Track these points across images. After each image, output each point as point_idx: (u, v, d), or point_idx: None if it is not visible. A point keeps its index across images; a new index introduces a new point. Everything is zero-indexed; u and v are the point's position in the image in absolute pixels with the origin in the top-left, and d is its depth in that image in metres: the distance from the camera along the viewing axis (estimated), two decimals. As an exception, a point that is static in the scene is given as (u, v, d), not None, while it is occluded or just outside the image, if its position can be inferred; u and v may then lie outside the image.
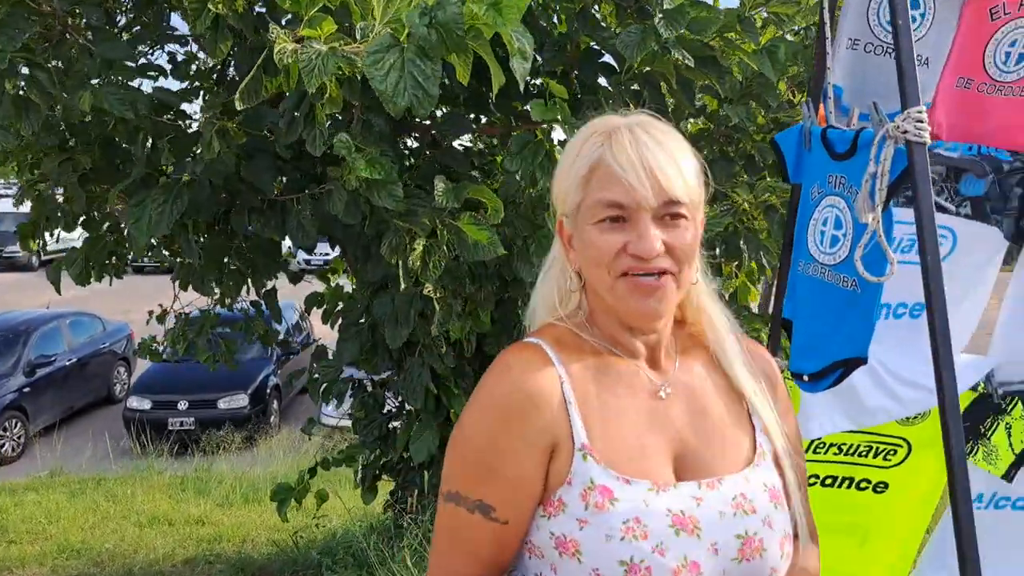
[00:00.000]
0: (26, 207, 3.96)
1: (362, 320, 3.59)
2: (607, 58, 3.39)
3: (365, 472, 3.90)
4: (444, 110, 3.68)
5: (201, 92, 3.45)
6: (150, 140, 3.08)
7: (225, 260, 3.54)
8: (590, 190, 1.04)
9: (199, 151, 2.88)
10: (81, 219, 3.71)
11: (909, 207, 1.48)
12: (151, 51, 3.66)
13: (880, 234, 1.40)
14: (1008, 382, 1.99)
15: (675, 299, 1.05)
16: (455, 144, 3.78)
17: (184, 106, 3.24)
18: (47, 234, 3.82)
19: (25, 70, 2.68)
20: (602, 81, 3.43)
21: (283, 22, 2.74)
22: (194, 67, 3.72)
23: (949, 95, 1.57)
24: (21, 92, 2.73)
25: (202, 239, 3.36)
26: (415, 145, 3.88)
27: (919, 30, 1.65)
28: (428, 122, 3.71)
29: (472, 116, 3.68)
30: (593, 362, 1.08)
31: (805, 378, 1.71)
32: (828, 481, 2.13)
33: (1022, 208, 1.79)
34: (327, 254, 5.03)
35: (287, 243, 3.66)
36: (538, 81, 3.59)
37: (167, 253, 3.46)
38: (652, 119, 1.08)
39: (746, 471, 1.08)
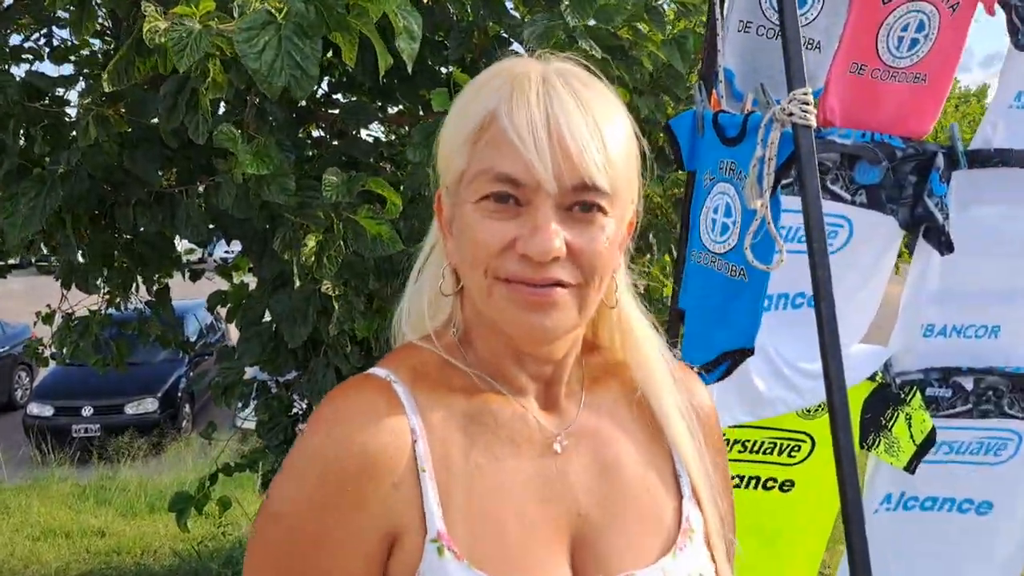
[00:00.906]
0: None
1: (265, 319, 3.43)
2: (516, 47, 3.31)
3: (270, 477, 3.73)
4: (351, 98, 3.55)
5: (84, 79, 3.23)
6: (23, 129, 2.86)
7: (113, 256, 3.33)
8: (476, 155, 0.76)
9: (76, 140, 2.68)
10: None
11: (798, 195, 1.44)
12: (30, 34, 3.42)
13: (769, 220, 1.35)
14: (905, 371, 1.99)
15: (574, 320, 0.78)
16: (363, 135, 3.65)
17: (70, 95, 3.03)
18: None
19: None
20: (511, 71, 3.35)
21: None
22: (86, 52, 3.50)
23: (842, 81, 1.53)
24: None
25: (86, 234, 3.15)
26: (319, 135, 3.73)
27: (808, 13, 1.61)
28: (335, 111, 3.57)
29: (379, 105, 3.55)
30: (463, 405, 0.80)
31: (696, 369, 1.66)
32: (735, 482, 2.10)
33: (916, 197, 1.77)
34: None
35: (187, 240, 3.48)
36: (449, 70, 3.49)
37: (45, 250, 3.23)
38: (578, 69, 0.80)
39: (665, 561, 0.81)
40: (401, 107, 3.57)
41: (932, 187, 1.67)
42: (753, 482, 2.10)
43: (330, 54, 3.09)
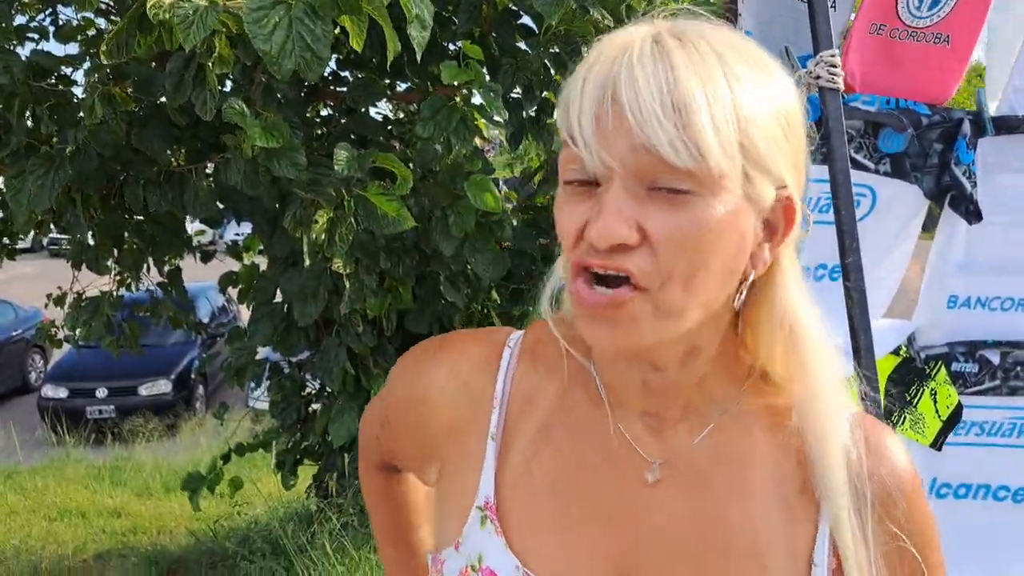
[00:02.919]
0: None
1: (276, 299, 3.42)
2: (526, 19, 3.25)
3: (284, 457, 3.74)
4: (359, 76, 3.51)
5: (89, 58, 3.20)
6: (29, 108, 2.83)
7: (124, 237, 3.32)
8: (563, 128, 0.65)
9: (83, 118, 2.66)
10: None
11: (824, 164, 1.39)
12: (36, 14, 3.39)
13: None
14: (930, 345, 1.95)
15: (655, 330, 0.63)
16: (372, 112, 3.61)
17: (77, 75, 3.02)
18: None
19: None
20: (521, 45, 3.30)
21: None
22: (92, 32, 3.47)
23: (862, 42, 1.48)
24: None
25: (95, 214, 3.13)
26: (328, 113, 3.70)
27: (830, -28, 1.55)
28: (343, 89, 3.54)
29: (388, 83, 3.51)
30: (551, 399, 0.74)
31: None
32: None
33: (943, 165, 1.72)
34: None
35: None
36: (458, 45, 3.45)
37: (55, 230, 3.22)
38: (696, 24, 0.64)
39: None
40: (410, 84, 3.52)
41: (959, 155, 1.62)
42: None
43: (337, 31, 3.05)
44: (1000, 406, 1.94)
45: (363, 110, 3.46)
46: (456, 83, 2.63)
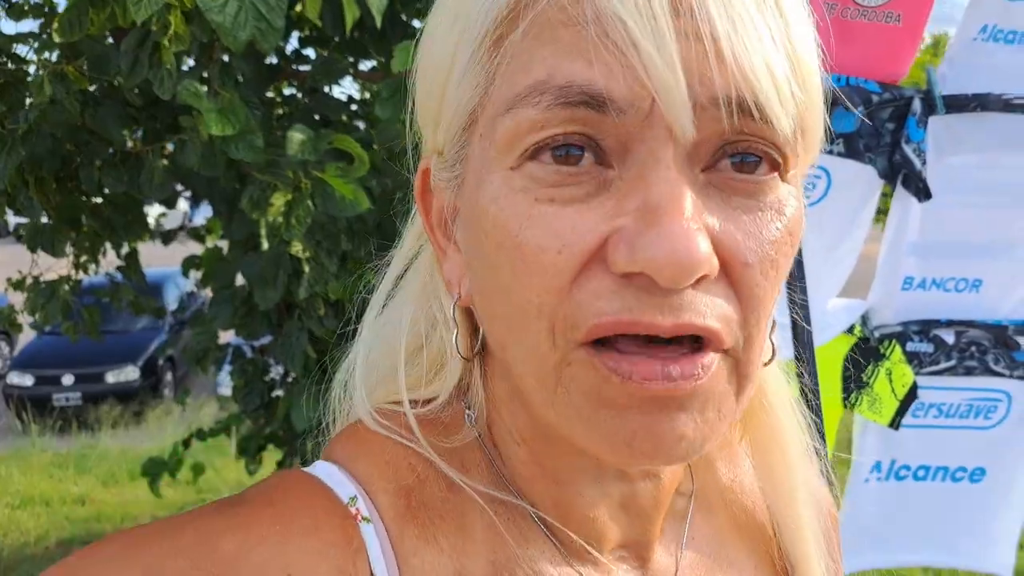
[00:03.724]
0: None
1: (238, 282, 3.38)
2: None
3: (246, 443, 3.70)
4: (322, 54, 3.47)
5: (42, 35, 3.12)
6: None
7: (81, 220, 3.26)
8: (506, 63, 0.40)
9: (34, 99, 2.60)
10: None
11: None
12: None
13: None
14: (884, 324, 1.96)
15: (730, 414, 0.41)
16: (336, 92, 3.56)
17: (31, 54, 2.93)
18: None
19: None
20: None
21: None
22: (46, 9, 3.39)
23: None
24: None
25: (51, 196, 3.07)
26: (290, 93, 3.65)
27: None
28: (306, 68, 3.49)
29: (352, 61, 3.47)
30: (483, 566, 0.45)
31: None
32: None
33: (894, 144, 1.72)
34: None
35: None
36: (423, 23, 3.41)
37: (10, 212, 3.15)
38: None
39: None
40: (374, 64, 3.48)
41: (909, 133, 1.63)
42: None
43: (298, 7, 3.00)
44: (957, 387, 1.96)
45: (326, 89, 3.41)
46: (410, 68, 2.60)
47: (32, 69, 2.94)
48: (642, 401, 0.37)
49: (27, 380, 8.52)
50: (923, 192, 1.65)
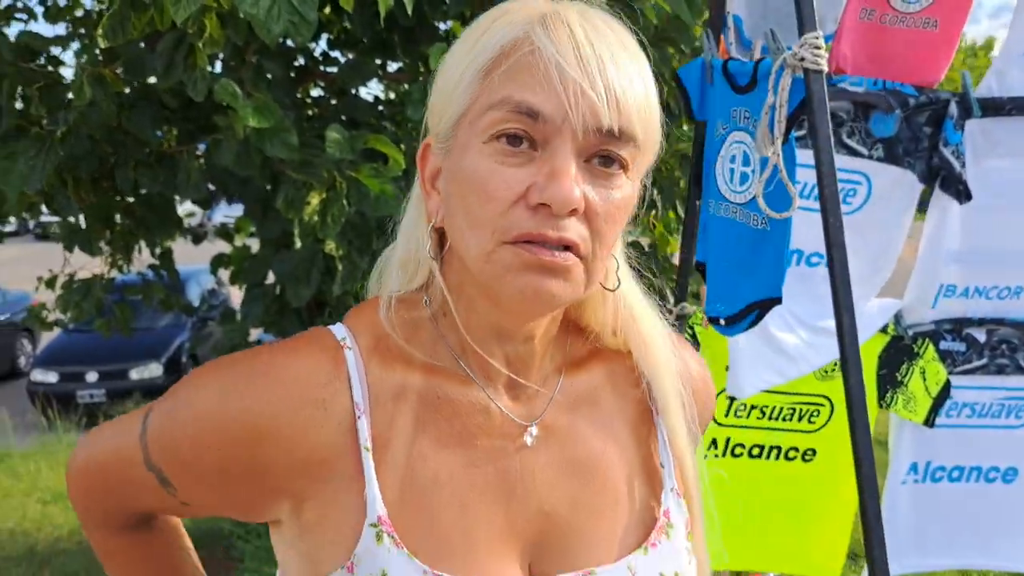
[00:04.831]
0: None
1: (268, 280, 3.43)
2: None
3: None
4: (349, 56, 3.50)
5: (78, 39, 3.18)
6: (19, 89, 2.82)
7: (115, 219, 3.31)
8: (488, 87, 0.66)
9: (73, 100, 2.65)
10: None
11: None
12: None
13: (781, 168, 1.32)
14: (918, 323, 1.97)
15: (579, 292, 0.68)
16: (363, 94, 3.60)
17: (66, 55, 3.00)
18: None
19: None
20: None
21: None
22: (79, 13, 3.45)
23: (854, 27, 1.49)
24: None
25: (87, 196, 3.13)
26: (319, 94, 3.69)
27: (818, -45, 1.56)
28: (334, 69, 3.53)
29: (379, 63, 3.50)
30: (419, 385, 0.72)
31: (722, 322, 1.62)
32: (755, 451, 2.07)
33: (932, 147, 1.74)
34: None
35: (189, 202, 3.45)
36: (448, 25, 3.44)
37: (46, 212, 3.21)
38: (596, 9, 0.69)
39: (634, 557, 0.75)
40: (400, 65, 3.51)
41: (947, 136, 1.64)
42: (775, 452, 2.06)
43: (327, 10, 3.04)
44: (990, 387, 1.97)
45: (354, 91, 3.45)
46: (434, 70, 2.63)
47: (67, 71, 3.01)
48: (536, 266, 0.65)
49: (51, 377, 8.62)
50: (964, 194, 1.67)
